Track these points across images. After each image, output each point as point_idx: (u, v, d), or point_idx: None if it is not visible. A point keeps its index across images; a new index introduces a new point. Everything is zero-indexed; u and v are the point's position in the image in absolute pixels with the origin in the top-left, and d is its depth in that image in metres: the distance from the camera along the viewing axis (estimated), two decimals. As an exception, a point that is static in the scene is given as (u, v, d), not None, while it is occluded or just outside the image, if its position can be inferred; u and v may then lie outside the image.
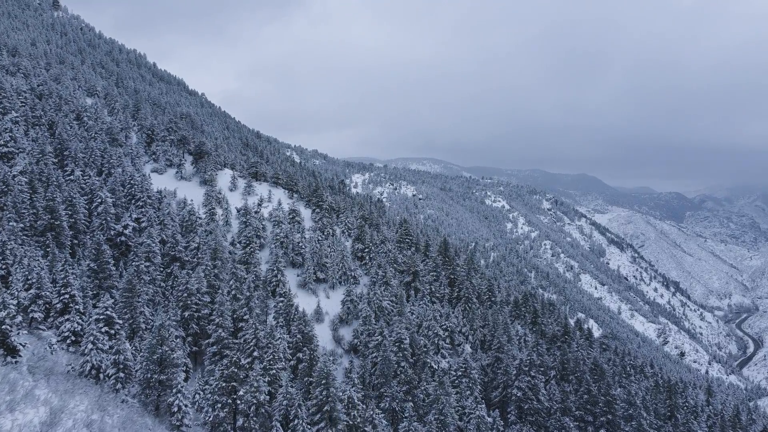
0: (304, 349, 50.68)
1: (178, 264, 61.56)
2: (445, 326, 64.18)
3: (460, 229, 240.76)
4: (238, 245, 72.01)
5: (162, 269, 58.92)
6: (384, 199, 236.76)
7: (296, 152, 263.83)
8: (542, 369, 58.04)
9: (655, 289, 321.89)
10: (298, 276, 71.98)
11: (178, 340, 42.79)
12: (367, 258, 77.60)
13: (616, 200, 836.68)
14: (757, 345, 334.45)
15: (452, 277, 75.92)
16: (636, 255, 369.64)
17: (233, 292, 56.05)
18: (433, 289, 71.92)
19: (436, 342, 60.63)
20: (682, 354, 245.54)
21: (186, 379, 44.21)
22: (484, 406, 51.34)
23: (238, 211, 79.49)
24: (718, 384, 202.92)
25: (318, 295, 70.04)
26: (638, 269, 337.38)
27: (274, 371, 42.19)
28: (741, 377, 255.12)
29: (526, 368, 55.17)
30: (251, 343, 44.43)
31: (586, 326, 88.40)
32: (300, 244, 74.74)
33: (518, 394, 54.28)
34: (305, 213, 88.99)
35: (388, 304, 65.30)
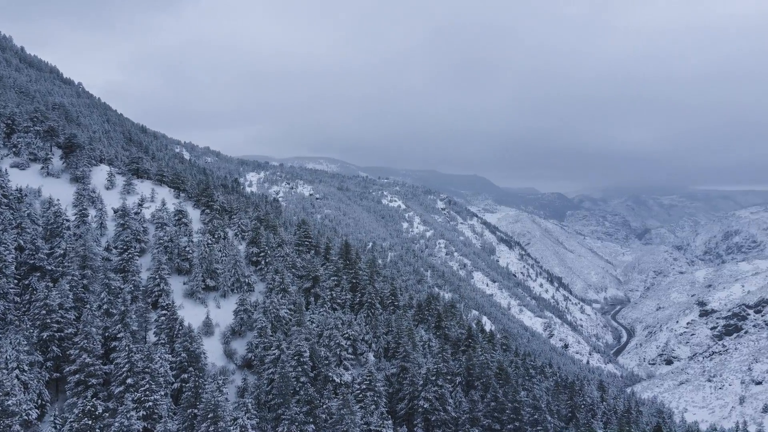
0: (190, 369, 44.70)
1: (38, 274, 52.80)
2: (347, 335, 60.22)
3: (358, 228, 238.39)
4: (114, 251, 63.66)
5: (17, 281, 50.14)
6: (280, 199, 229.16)
7: (186, 149, 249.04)
8: (449, 377, 55.85)
9: (541, 285, 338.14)
10: (184, 284, 64.97)
11: (31, 369, 35.47)
12: (263, 263, 71.94)
13: (504, 200, 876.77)
14: (629, 334, 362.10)
15: (354, 281, 72.20)
16: (523, 252, 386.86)
17: (105, 307, 48.64)
18: (335, 295, 67.78)
19: (339, 353, 56.56)
20: (566, 346, 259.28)
21: (41, 416, 36.93)
22: (390, 422, 48.00)
23: (115, 212, 70.51)
24: (598, 373, 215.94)
25: (207, 305, 63.56)
26: (525, 266, 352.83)
27: (150, 402, 36.05)
28: (617, 365, 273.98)
29: (433, 377, 52.60)
30: (124, 369, 37.94)
31: (488, 329, 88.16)
32: (187, 249, 67.67)
33: (425, 406, 51.56)
34: (194, 214, 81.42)
35: (287, 312, 60.34)
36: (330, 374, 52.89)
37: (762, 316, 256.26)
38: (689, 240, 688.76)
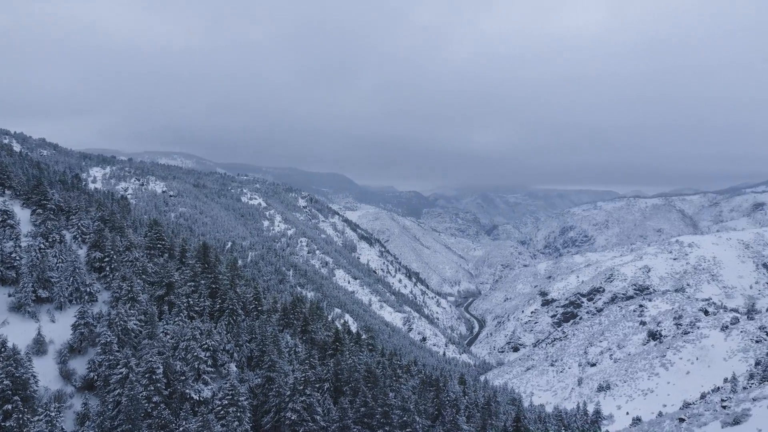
0: (15, 398, 38.07)
1: None
2: (206, 345, 55.60)
3: (216, 227, 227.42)
4: None
5: None
6: (129, 197, 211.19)
7: (17, 140, 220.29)
8: (317, 384, 53.69)
9: (400, 281, 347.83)
10: (10, 296, 56.02)
11: None
12: (108, 269, 64.47)
13: (364, 198, 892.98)
14: (481, 325, 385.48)
15: (214, 286, 67.24)
16: (383, 249, 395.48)
17: None
18: (192, 302, 62.48)
19: (197, 366, 51.91)
20: (424, 339, 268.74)
21: None
22: (256, 438, 44.80)
23: None
24: (454, 364, 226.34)
25: (40, 320, 55.34)
26: (385, 262, 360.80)
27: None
28: (471, 355, 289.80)
29: (301, 387, 50.11)
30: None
31: (354, 328, 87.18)
32: (13, 255, 58.50)
33: (293, 417, 48.94)
34: (22, 214, 71.07)
35: (136, 324, 54.31)
36: (187, 391, 48.28)
37: (593, 303, 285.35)
38: (532, 235, 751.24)
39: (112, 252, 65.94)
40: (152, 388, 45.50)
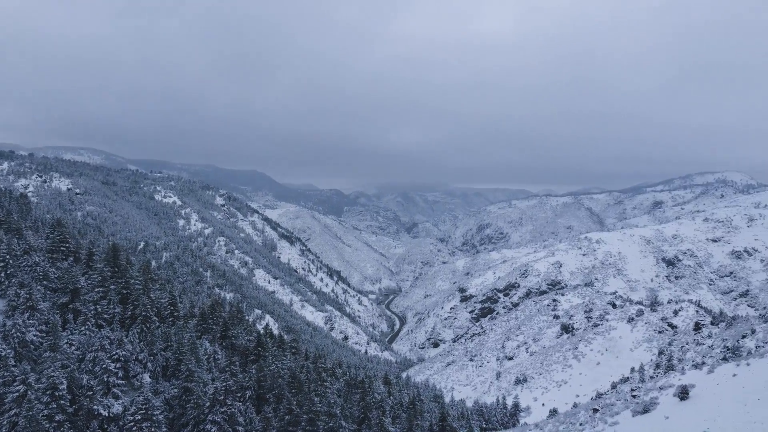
0: None
1: None
2: (117, 355, 51.71)
3: (128, 227, 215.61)
4: None
5: None
6: (30, 194, 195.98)
7: None
8: (239, 393, 51.28)
9: (321, 279, 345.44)
10: None
11: None
12: (2, 275, 58.77)
13: (285, 196, 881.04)
14: (402, 322, 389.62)
15: (125, 291, 62.87)
16: (304, 248, 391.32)
17: None
18: (100, 310, 58.07)
19: (106, 379, 48.11)
20: (346, 338, 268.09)
21: None
22: (173, 455, 42.00)
23: None
24: (376, 361, 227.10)
25: None
26: (306, 261, 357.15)
27: None
28: (392, 352, 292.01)
29: (221, 397, 47.62)
30: None
31: (276, 331, 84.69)
32: None
33: (213, 430, 46.39)
34: None
35: (36, 336, 49.69)
36: (95, 407, 44.58)
37: (509, 298, 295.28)
38: (450, 233, 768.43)
39: (8, 256, 60.17)
40: (54, 405, 41.67)
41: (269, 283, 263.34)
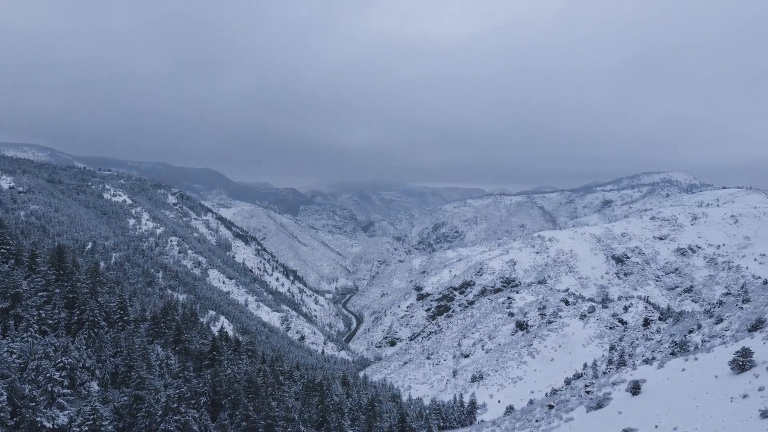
0: None
1: None
2: (62, 363, 49.37)
3: (74, 227, 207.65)
4: None
5: None
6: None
7: None
8: (193, 400, 49.78)
9: (277, 279, 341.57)
10: None
11: None
12: (-65, 280, 55.33)
13: (239, 195, 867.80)
14: (358, 321, 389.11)
15: (71, 295, 60.23)
16: (259, 247, 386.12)
17: None
18: (44, 315, 55.36)
19: (50, 388, 45.85)
20: (303, 338, 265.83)
21: None
22: (123, 466, 40.33)
23: None
24: (333, 361, 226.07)
25: None
26: (262, 261, 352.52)
27: None
28: (349, 351, 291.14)
29: (175, 404, 46.08)
30: None
31: (231, 333, 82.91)
32: None
33: (166, 438, 44.84)
34: None
35: (-27, 344, 46.94)
36: (38, 418, 42.38)
37: (465, 296, 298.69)
38: (407, 231, 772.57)
39: (-58, 260, 56.79)
40: (-6, 418, 39.37)
41: (224, 283, 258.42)
